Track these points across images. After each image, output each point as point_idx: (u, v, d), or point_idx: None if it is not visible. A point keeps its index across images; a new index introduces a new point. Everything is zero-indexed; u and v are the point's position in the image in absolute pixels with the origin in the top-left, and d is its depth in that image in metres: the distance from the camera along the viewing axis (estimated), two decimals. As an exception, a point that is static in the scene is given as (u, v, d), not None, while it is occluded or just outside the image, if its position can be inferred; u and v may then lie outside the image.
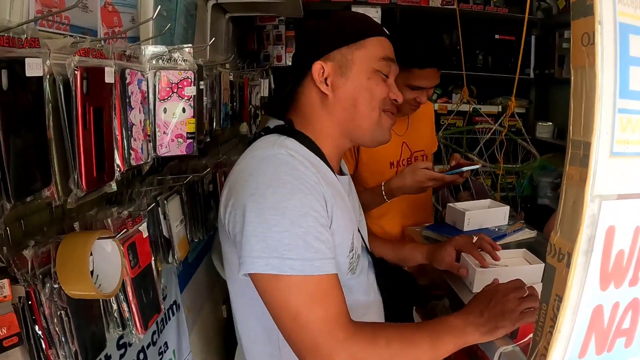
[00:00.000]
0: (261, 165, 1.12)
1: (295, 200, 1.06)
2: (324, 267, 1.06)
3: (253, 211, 1.06)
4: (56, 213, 1.05)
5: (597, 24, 0.57)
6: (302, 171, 1.11)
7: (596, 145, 0.59)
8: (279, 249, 1.03)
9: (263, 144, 1.21)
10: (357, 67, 1.26)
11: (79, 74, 0.84)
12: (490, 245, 1.60)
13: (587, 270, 0.62)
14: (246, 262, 1.05)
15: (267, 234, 1.04)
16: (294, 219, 1.05)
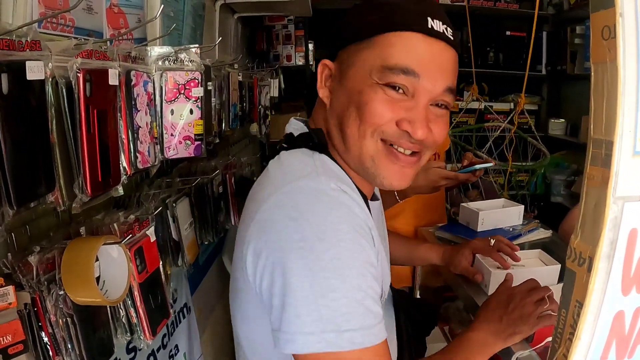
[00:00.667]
0: (307, 206, 0.84)
1: (354, 257, 0.84)
2: (380, 333, 0.86)
3: (302, 273, 0.81)
4: (62, 218, 1.03)
5: (618, 17, 0.54)
6: (358, 214, 0.87)
7: (618, 144, 0.56)
8: (336, 320, 0.81)
9: (296, 166, 0.95)
10: (354, 73, 0.96)
11: (82, 77, 0.82)
12: (509, 247, 1.56)
13: (608, 275, 0.59)
14: (297, 340, 0.81)
15: (320, 303, 0.80)
16: (353, 280, 0.82)
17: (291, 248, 0.82)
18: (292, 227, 0.83)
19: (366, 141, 0.95)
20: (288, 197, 0.86)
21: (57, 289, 0.87)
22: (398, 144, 0.96)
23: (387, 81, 0.92)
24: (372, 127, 0.94)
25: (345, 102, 0.96)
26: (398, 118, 0.93)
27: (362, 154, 0.97)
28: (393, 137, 0.95)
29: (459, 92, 4.50)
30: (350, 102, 0.95)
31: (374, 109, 0.93)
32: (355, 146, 0.97)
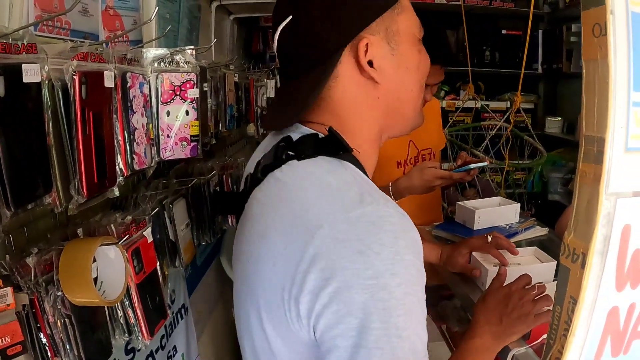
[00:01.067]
0: (373, 238, 0.74)
1: (417, 289, 0.77)
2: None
3: (374, 313, 0.73)
4: (60, 219, 1.04)
5: (609, 14, 0.55)
6: (414, 237, 0.79)
7: (610, 140, 0.57)
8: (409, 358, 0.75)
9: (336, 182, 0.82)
10: (405, 36, 0.93)
11: (77, 79, 0.82)
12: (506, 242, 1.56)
13: (602, 271, 0.60)
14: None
15: (395, 343, 0.73)
16: (417, 313, 0.77)
17: (362, 286, 0.73)
18: (360, 262, 0.73)
19: (422, 94, 1.00)
20: (349, 227, 0.75)
21: (55, 290, 0.87)
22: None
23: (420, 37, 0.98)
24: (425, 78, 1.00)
25: (408, 65, 0.94)
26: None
27: (419, 106, 1.01)
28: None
29: (456, 91, 4.51)
30: (411, 63, 0.95)
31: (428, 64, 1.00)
32: (417, 103, 0.99)
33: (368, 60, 0.88)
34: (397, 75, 0.92)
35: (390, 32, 0.90)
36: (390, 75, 0.91)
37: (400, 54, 0.92)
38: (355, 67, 0.90)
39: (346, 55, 0.89)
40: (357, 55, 0.88)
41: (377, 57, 0.89)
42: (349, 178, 0.83)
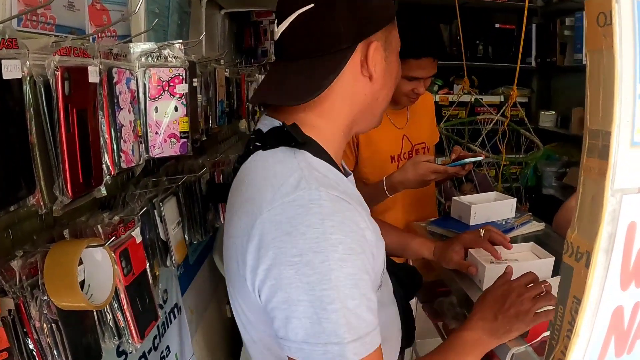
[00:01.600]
0: (300, 219, 0.85)
1: (348, 267, 0.85)
2: (375, 340, 0.88)
3: (300, 287, 0.83)
4: (47, 220, 1.01)
5: (614, 2, 0.53)
6: (351, 219, 0.88)
7: (616, 134, 0.54)
8: (338, 331, 0.83)
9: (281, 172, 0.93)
10: (395, 49, 1.08)
11: (60, 75, 0.79)
12: (500, 236, 1.54)
13: (607, 270, 0.58)
14: (303, 349, 0.85)
15: (321, 315, 0.83)
16: (347, 290, 0.84)
17: (290, 263, 0.83)
18: (287, 242, 0.84)
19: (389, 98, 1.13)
20: (282, 211, 0.87)
21: (41, 294, 0.84)
22: None
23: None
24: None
25: (391, 73, 1.08)
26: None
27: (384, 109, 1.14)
28: None
29: (449, 85, 4.50)
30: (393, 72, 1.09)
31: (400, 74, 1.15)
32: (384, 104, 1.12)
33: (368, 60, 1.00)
34: (382, 79, 1.06)
35: (387, 41, 1.04)
36: (378, 78, 1.04)
37: (389, 62, 1.06)
38: (358, 64, 1.01)
39: (357, 52, 1.00)
40: (367, 53, 1.00)
41: (377, 60, 1.02)
42: (294, 166, 0.92)
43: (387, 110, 2.00)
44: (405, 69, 1.81)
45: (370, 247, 0.92)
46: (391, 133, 2.06)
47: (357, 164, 2.02)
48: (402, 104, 2.05)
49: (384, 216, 2.05)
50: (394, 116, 2.07)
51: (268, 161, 0.97)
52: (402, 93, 1.91)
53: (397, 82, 1.14)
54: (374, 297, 0.91)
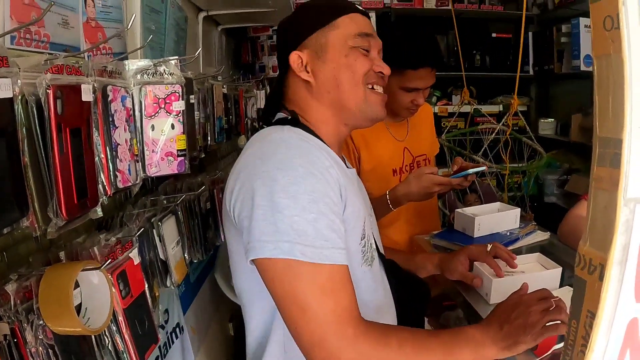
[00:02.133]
0: (271, 149, 1.08)
1: (307, 185, 1.02)
2: (334, 257, 1.01)
3: (263, 194, 1.01)
4: (43, 242, 0.98)
5: (621, 5, 0.51)
6: (316, 155, 1.08)
7: (628, 142, 0.52)
8: (290, 233, 0.98)
9: (270, 130, 1.18)
10: (333, 47, 1.24)
11: (52, 93, 0.77)
12: (506, 253, 1.52)
13: (621, 282, 0.56)
14: (255, 247, 1.00)
15: (277, 217, 0.99)
16: (305, 204, 1.01)
17: (258, 177, 1.03)
18: (258, 164, 1.06)
19: (359, 88, 1.25)
20: (258, 147, 1.12)
21: (36, 319, 0.82)
22: (377, 83, 1.29)
23: (359, 44, 1.24)
24: (361, 75, 1.24)
25: (335, 69, 1.24)
26: (372, 65, 1.26)
27: (358, 98, 1.25)
28: (373, 79, 1.28)
29: (448, 97, 4.49)
30: (339, 67, 1.23)
31: (360, 63, 1.24)
32: (352, 95, 1.25)
33: (305, 66, 1.25)
34: (327, 75, 1.24)
35: (318, 45, 1.24)
36: (321, 76, 1.25)
37: (327, 60, 1.24)
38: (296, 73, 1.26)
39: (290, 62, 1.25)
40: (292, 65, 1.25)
41: (309, 64, 1.25)
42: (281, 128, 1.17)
43: (387, 123, 2.02)
44: (403, 80, 1.80)
45: (336, 181, 1.09)
46: (392, 146, 2.04)
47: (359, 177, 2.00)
48: (402, 116, 2.03)
49: (388, 230, 2.03)
50: (394, 128, 2.06)
51: (266, 130, 1.20)
52: (401, 105, 1.89)
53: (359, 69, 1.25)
54: (339, 221, 1.06)
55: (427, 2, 4.14)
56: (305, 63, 1.24)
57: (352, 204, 1.13)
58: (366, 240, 1.21)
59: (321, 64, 1.24)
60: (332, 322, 0.98)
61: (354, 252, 1.15)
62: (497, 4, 4.21)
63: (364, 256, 1.20)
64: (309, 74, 1.25)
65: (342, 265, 1.03)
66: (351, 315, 1.01)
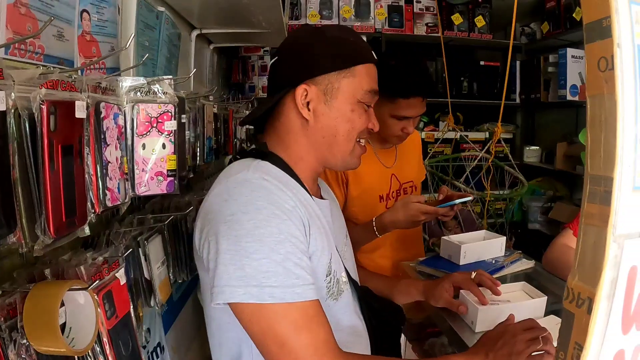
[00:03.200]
0: (236, 190, 1.09)
1: (272, 227, 1.04)
2: (305, 293, 1.03)
3: (229, 239, 1.03)
4: (28, 258, 0.97)
5: (615, 47, 0.52)
6: (279, 195, 1.09)
7: (618, 180, 0.53)
8: (257, 276, 1.00)
9: (237, 167, 1.18)
10: (343, 96, 1.22)
11: (46, 109, 0.77)
12: (490, 281, 1.53)
13: (609, 316, 0.57)
14: (224, 292, 1.01)
15: (244, 262, 1.01)
16: (272, 245, 1.02)
17: (223, 221, 1.04)
18: (224, 206, 1.07)
19: (351, 143, 1.27)
20: (224, 187, 1.12)
21: (20, 337, 0.80)
22: (363, 137, 1.31)
23: (366, 101, 1.25)
24: (357, 132, 1.26)
25: (338, 119, 1.23)
26: (367, 124, 1.28)
27: (347, 151, 1.27)
28: (365, 134, 1.30)
29: (435, 122, 4.53)
30: (343, 118, 1.23)
31: (362, 120, 1.26)
32: (342, 148, 1.26)
33: (307, 102, 1.21)
34: (325, 121, 1.23)
35: (330, 87, 1.21)
36: (320, 118, 1.23)
37: (332, 106, 1.22)
38: (294, 103, 1.22)
39: (291, 93, 1.23)
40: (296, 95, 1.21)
41: (313, 102, 1.22)
42: (248, 164, 1.17)
43: (375, 149, 2.03)
44: (394, 109, 1.81)
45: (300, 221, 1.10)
46: (380, 172, 2.05)
47: (346, 203, 2.00)
48: (391, 143, 2.04)
49: (372, 255, 2.03)
50: (383, 155, 2.06)
51: (234, 165, 1.22)
52: (391, 132, 1.90)
53: (358, 127, 1.26)
54: (306, 258, 1.09)
55: (417, 28, 4.18)
56: (309, 100, 1.22)
57: (314, 240, 1.14)
58: (332, 276, 1.21)
59: (326, 108, 1.22)
60: (311, 355, 1.01)
61: (319, 289, 1.15)
62: (486, 32, 4.26)
63: (329, 291, 1.20)
64: (309, 112, 1.22)
65: (314, 300, 1.05)
66: (328, 347, 1.04)
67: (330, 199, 1.46)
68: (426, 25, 4.19)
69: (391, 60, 1.88)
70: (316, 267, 1.15)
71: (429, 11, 4.21)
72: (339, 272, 1.26)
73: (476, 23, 4.23)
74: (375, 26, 4.11)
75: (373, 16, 4.10)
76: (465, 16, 4.21)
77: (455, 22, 4.18)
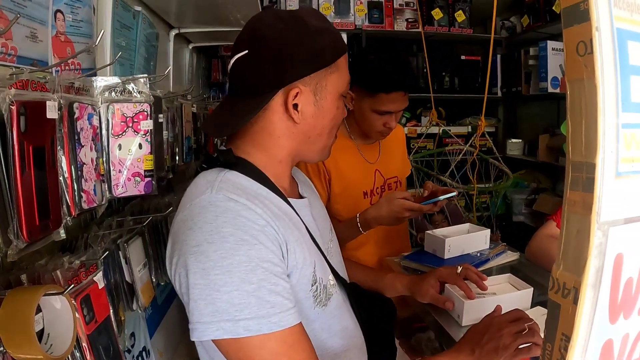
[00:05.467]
0: (200, 217, 1.00)
1: (240, 255, 0.96)
2: (282, 322, 0.97)
3: (197, 272, 0.96)
4: (4, 263, 0.94)
5: (594, 31, 0.51)
6: (246, 216, 1.00)
7: (601, 166, 0.52)
8: (230, 310, 0.94)
9: (201, 185, 1.08)
10: (331, 95, 1.16)
11: (15, 110, 0.74)
12: (476, 275, 1.51)
13: (595, 305, 0.56)
14: (198, 329, 0.95)
15: (215, 296, 0.94)
16: (242, 275, 0.95)
17: (190, 253, 0.97)
18: (189, 236, 0.98)
19: (332, 137, 1.24)
20: (189, 212, 1.02)
21: (-4, 346, 0.78)
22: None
23: (346, 93, 1.21)
24: (338, 125, 1.24)
25: (326, 119, 1.18)
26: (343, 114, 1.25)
27: (327, 145, 1.24)
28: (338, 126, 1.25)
29: (417, 118, 4.53)
30: (330, 117, 1.18)
31: (342, 114, 1.23)
32: (325, 143, 1.23)
33: (294, 104, 1.12)
34: (313, 121, 1.16)
35: (319, 87, 1.14)
36: (308, 119, 1.15)
37: (322, 106, 1.16)
38: (282, 105, 1.12)
39: (279, 95, 1.12)
40: (287, 98, 1.11)
41: (302, 104, 1.13)
42: (212, 179, 1.07)
43: (358, 145, 2.02)
44: (375, 104, 1.80)
45: (274, 239, 1.02)
46: (363, 168, 2.03)
47: (329, 199, 1.98)
48: (373, 138, 2.03)
49: (357, 252, 2.01)
50: (366, 151, 2.05)
51: (199, 179, 1.12)
52: (373, 127, 1.89)
53: (338, 121, 1.23)
54: (283, 281, 1.01)
55: (397, 24, 4.18)
56: (297, 101, 1.12)
57: (293, 254, 1.07)
58: (318, 284, 1.15)
59: (315, 109, 1.15)
60: None
61: (303, 300, 1.11)
62: (466, 27, 4.27)
63: (316, 299, 1.15)
64: (297, 114, 1.12)
65: (292, 326, 0.99)
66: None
67: (310, 194, 1.40)
68: (406, 20, 4.19)
69: (371, 55, 1.87)
70: (299, 282, 1.08)
71: (409, 7, 4.20)
72: (325, 277, 1.19)
73: (456, 18, 4.24)
74: (356, 23, 4.10)
75: (353, 13, 4.09)
76: (445, 11, 4.21)
77: (435, 17, 4.18)
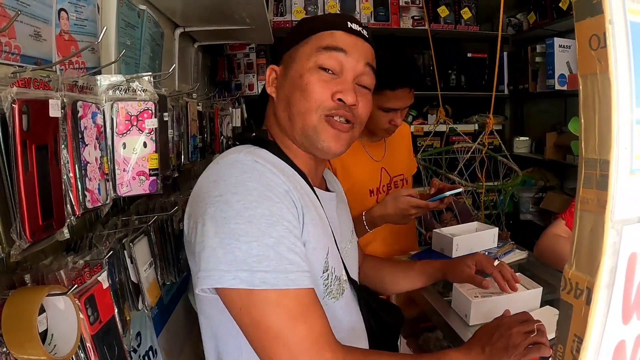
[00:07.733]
0: (225, 172, 1.02)
1: (263, 208, 0.96)
2: (299, 281, 0.96)
3: (217, 220, 0.95)
4: (8, 264, 0.93)
5: (607, 24, 0.50)
6: (270, 178, 1.02)
7: (615, 163, 0.51)
8: (248, 260, 0.92)
9: (231, 151, 1.10)
10: (295, 63, 1.17)
11: (17, 108, 0.73)
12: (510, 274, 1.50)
13: (609, 305, 0.55)
14: (212, 276, 0.93)
15: (234, 245, 0.93)
16: (263, 228, 0.95)
17: (212, 202, 0.98)
18: (212, 187, 1.00)
19: (310, 116, 1.14)
20: (214, 169, 1.05)
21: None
22: (336, 114, 1.15)
23: (320, 63, 1.14)
24: (315, 104, 1.13)
25: (290, 88, 1.16)
26: (332, 92, 1.13)
27: (306, 125, 1.15)
28: (332, 109, 1.14)
29: (424, 116, 4.51)
30: (294, 87, 1.15)
31: (313, 89, 1.13)
32: (300, 120, 1.15)
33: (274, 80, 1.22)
34: (284, 93, 1.18)
35: (288, 61, 1.19)
36: (280, 93, 1.20)
37: (289, 77, 1.17)
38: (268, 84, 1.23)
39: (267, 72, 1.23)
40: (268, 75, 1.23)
41: (277, 79, 1.21)
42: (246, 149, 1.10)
43: (364, 143, 2.00)
44: (380, 101, 1.79)
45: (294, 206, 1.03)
46: (369, 166, 2.02)
47: (335, 197, 1.97)
48: (379, 136, 2.02)
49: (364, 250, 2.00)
50: (372, 148, 2.04)
51: (228, 151, 1.14)
52: (378, 125, 1.88)
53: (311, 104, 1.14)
54: (300, 244, 1.01)
55: (403, 21, 4.16)
56: (275, 77, 1.22)
57: (308, 231, 1.06)
58: (329, 273, 1.13)
59: (283, 81, 1.19)
60: (308, 348, 0.93)
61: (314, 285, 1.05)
62: (472, 24, 4.25)
63: (327, 289, 1.13)
64: (273, 89, 1.22)
65: (309, 288, 0.98)
66: (327, 339, 0.97)
67: (339, 193, 1.41)
68: (412, 18, 4.17)
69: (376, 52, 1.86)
70: (311, 258, 1.06)
71: (415, 4, 4.19)
72: (339, 270, 1.18)
73: (462, 15, 4.22)
74: (361, 20, 4.08)
75: (359, 10, 4.08)
76: (451, 8, 4.20)
77: (441, 14, 4.16)
